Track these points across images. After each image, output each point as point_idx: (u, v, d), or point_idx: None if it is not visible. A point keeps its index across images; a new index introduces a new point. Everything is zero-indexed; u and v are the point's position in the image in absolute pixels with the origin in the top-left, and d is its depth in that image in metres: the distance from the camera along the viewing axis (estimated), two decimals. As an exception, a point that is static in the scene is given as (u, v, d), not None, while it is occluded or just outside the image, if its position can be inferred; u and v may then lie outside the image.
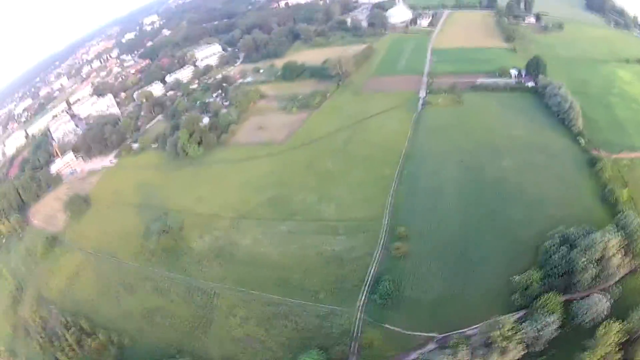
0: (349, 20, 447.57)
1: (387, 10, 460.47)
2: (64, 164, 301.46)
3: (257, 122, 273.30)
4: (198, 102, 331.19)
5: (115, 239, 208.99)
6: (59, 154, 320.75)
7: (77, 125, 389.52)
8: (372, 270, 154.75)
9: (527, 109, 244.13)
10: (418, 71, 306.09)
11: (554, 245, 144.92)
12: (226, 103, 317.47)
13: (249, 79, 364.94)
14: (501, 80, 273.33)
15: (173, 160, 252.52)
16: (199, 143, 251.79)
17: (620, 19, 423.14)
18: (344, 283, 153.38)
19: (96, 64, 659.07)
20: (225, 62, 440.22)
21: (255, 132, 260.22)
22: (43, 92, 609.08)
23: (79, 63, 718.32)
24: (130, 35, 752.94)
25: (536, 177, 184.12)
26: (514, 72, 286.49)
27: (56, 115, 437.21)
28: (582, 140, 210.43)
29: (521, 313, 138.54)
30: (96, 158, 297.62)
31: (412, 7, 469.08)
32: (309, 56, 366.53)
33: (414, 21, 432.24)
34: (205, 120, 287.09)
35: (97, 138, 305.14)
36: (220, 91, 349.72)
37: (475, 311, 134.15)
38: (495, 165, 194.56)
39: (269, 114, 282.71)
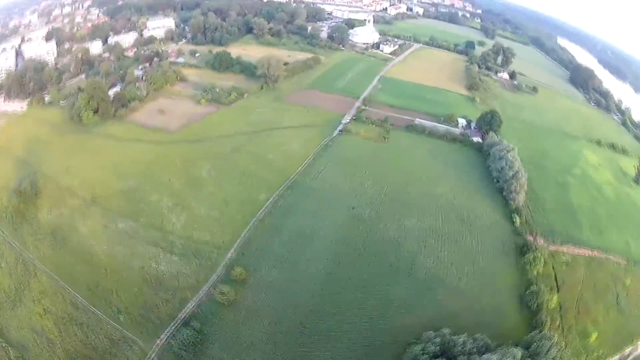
0: (309, 28, 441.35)
1: (353, 27, 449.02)
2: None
3: (162, 105, 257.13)
4: (122, 70, 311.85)
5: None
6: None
7: (17, 65, 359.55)
8: (188, 309, 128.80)
9: (462, 166, 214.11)
10: (355, 94, 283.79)
11: (425, 353, 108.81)
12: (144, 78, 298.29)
13: (180, 60, 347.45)
14: (443, 127, 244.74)
15: (68, 122, 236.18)
16: (95, 111, 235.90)
17: (602, 99, 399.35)
18: (151, 312, 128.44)
19: (67, 9, 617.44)
20: (170, 37, 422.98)
21: (155, 115, 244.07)
22: (12, 24, 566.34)
23: (55, 4, 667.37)
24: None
25: (443, 251, 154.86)
26: (462, 121, 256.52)
27: (4, 49, 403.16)
28: (517, 219, 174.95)
29: None
30: (14, 101, 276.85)
31: (382, 33, 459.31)
32: (253, 52, 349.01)
33: (377, 45, 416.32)
34: (116, 89, 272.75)
35: (17, 80, 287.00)
36: (148, 64, 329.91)
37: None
38: (395, 223, 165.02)
39: (179, 99, 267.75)
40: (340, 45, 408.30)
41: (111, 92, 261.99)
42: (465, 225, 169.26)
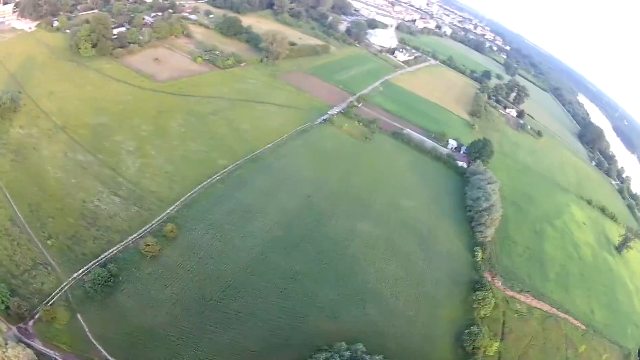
0: (330, 18, 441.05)
1: (374, 28, 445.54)
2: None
3: (159, 54, 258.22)
4: (133, 14, 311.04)
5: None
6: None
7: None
8: (112, 252, 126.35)
9: (438, 186, 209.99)
10: (352, 90, 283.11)
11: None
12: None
13: (193, 16, 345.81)
14: (430, 143, 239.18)
15: (67, 50, 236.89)
16: (94, 45, 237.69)
17: (605, 162, 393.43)
18: (78, 245, 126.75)
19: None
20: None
21: (149, 62, 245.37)
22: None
23: None
24: None
25: (390, 265, 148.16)
26: (453, 143, 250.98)
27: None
28: (479, 254, 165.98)
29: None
30: (26, 19, 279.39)
31: (403, 41, 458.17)
32: (265, 25, 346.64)
33: (392, 51, 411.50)
34: (121, 29, 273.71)
35: (33, 1, 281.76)
36: (161, 13, 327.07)
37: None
38: (348, 224, 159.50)
39: (177, 53, 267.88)
40: (356, 42, 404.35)
41: (116, 31, 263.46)
42: (422, 245, 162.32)
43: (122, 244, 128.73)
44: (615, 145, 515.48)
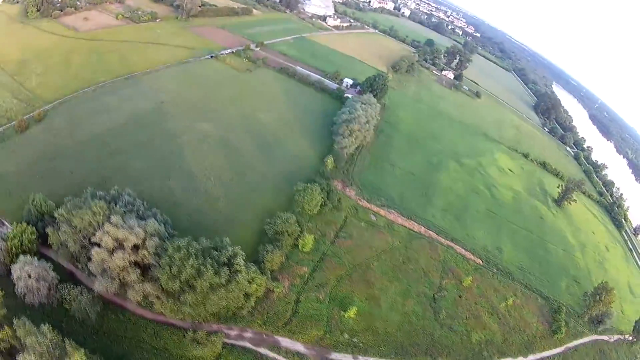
0: None
1: None
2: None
3: (90, 15, 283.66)
4: None
5: None
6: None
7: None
8: None
9: (312, 109, 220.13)
10: (257, 40, 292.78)
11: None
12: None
13: None
14: (315, 76, 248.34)
15: (20, 15, 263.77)
16: (39, 9, 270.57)
17: (560, 130, 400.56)
18: None
19: None
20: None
21: (79, 21, 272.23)
22: None
23: None
24: None
25: (211, 155, 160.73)
26: (348, 81, 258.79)
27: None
28: (329, 161, 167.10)
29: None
30: None
31: (344, 14, 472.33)
32: None
33: (323, 18, 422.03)
34: None
35: None
36: None
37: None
38: (188, 123, 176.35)
39: (105, 14, 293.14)
40: (287, 10, 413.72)
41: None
42: (262, 148, 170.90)
43: (6, 125, 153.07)
44: (591, 132, 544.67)
